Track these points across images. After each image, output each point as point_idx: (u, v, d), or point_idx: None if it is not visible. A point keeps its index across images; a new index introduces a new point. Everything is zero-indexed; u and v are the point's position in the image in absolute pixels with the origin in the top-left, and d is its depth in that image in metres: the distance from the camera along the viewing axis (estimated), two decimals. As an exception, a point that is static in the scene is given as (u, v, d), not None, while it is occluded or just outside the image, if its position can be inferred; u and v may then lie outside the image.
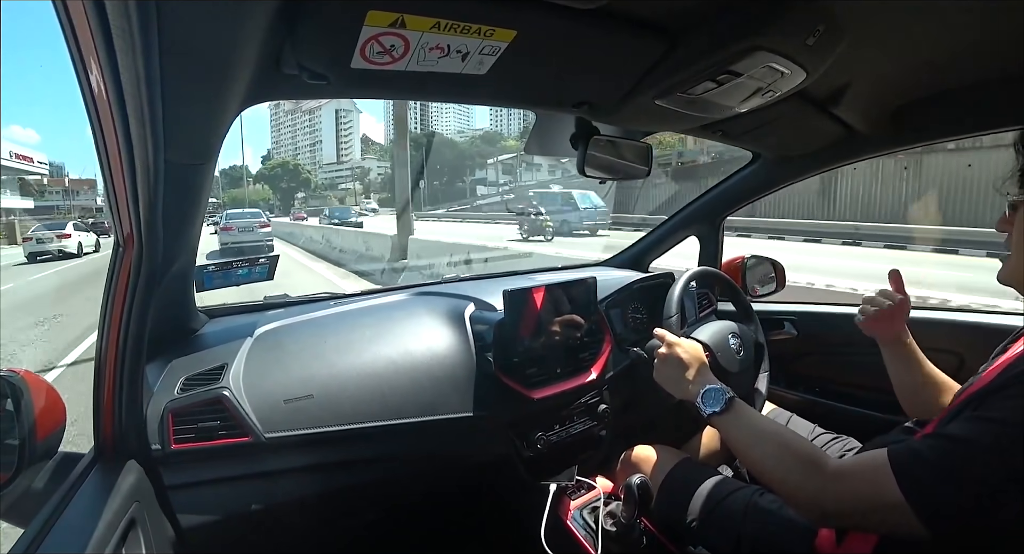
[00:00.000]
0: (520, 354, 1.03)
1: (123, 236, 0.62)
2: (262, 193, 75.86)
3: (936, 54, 0.74)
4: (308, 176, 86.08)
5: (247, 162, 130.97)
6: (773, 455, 0.66)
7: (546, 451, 1.04)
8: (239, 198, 66.79)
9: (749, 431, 0.70)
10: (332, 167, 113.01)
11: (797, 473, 0.62)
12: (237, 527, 0.79)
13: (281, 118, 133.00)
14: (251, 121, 71.97)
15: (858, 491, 0.57)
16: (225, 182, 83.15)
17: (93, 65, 0.44)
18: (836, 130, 1.01)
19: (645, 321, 1.30)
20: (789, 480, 0.63)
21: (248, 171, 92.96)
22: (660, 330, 0.91)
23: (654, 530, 0.93)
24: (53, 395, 0.70)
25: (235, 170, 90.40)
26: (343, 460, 0.87)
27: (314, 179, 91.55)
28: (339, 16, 0.51)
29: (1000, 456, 0.50)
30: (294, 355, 0.91)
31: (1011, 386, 0.53)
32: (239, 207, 30.42)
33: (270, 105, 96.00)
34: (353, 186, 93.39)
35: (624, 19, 0.59)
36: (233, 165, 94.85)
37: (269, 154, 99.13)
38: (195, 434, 0.77)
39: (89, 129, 0.52)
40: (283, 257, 1.46)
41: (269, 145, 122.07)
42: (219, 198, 65.97)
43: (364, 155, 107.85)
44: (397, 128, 10.38)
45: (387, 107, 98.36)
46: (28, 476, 0.64)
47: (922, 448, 0.54)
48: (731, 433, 0.72)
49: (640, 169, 1.09)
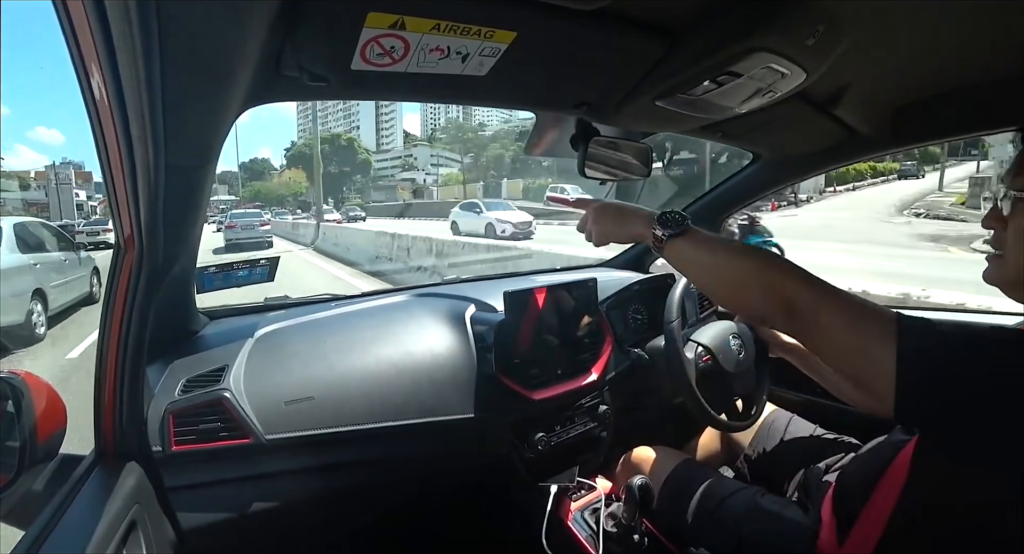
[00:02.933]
0: (521, 355, 1.03)
1: (124, 238, 0.62)
2: (293, 185, 60.07)
3: (936, 55, 0.74)
4: (367, 157, 63.32)
5: (268, 156, 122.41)
6: (736, 261, 0.59)
7: (547, 452, 1.04)
8: (264, 192, 59.82)
9: (708, 248, 0.62)
10: (376, 156, 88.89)
11: (759, 267, 0.56)
12: (238, 529, 0.79)
13: (308, 104, 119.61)
14: (270, 108, 55.07)
15: (854, 319, 0.50)
16: (245, 177, 71.71)
17: (94, 67, 0.44)
18: (836, 130, 1.01)
19: (646, 322, 1.30)
20: (751, 278, 0.56)
21: (269, 164, 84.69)
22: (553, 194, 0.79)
23: (655, 531, 0.93)
24: (54, 397, 0.70)
25: (256, 164, 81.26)
26: (344, 461, 0.86)
27: (373, 162, 68.97)
28: (339, 18, 0.51)
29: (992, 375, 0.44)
30: (295, 356, 0.91)
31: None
32: (262, 202, 31.22)
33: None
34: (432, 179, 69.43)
35: (624, 20, 0.59)
36: (254, 158, 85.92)
37: (294, 145, 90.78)
38: (196, 435, 0.77)
39: (90, 131, 0.52)
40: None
41: (296, 135, 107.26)
42: (238, 194, 59.86)
43: (414, 143, 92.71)
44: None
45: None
46: (29, 478, 0.64)
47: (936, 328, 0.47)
48: (690, 253, 0.63)
49: (640, 170, 1.09)
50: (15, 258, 4.73)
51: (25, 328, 4.56)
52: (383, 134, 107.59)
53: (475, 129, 64.91)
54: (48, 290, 5.08)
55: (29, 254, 5.00)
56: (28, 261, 4.93)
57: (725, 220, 1.51)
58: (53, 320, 5.16)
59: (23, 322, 4.55)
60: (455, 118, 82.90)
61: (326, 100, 0.72)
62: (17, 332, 4.46)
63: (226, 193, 61.28)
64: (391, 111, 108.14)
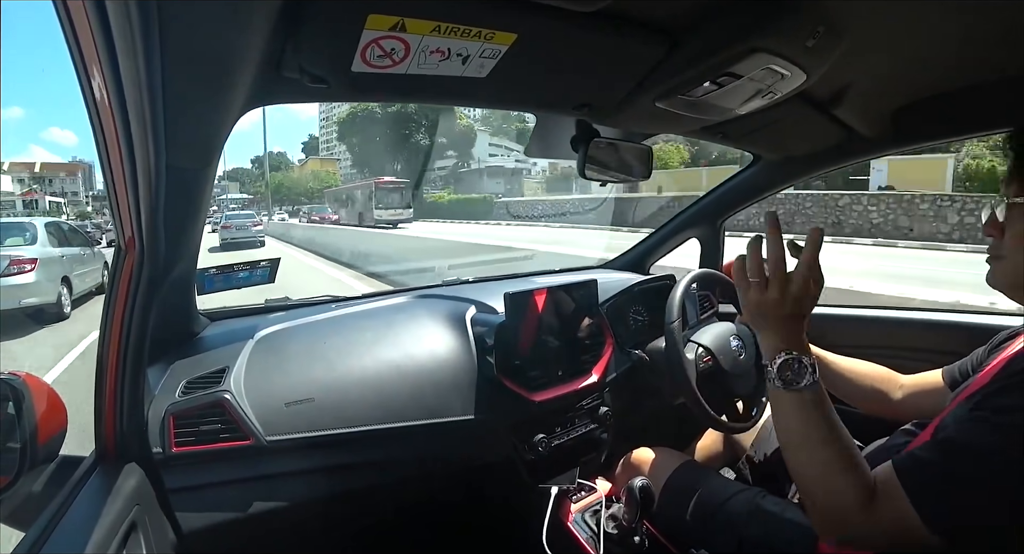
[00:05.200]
0: (521, 357, 1.03)
1: (124, 240, 0.62)
2: (326, 176, 51.27)
3: (936, 55, 0.74)
4: (468, 125, 42.81)
5: (284, 149, 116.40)
6: (830, 463, 0.57)
7: (547, 454, 1.03)
8: (287, 185, 52.46)
9: (814, 424, 0.59)
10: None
11: (846, 498, 0.55)
12: (238, 530, 0.79)
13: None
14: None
15: (882, 515, 0.54)
16: (259, 173, 65.85)
17: (94, 68, 0.44)
18: (836, 131, 1.01)
19: (646, 323, 1.30)
20: (830, 500, 0.57)
21: (286, 158, 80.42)
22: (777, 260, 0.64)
23: (656, 533, 0.92)
24: (54, 398, 0.70)
25: (271, 158, 74.31)
26: (344, 463, 0.86)
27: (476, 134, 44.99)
28: (340, 19, 0.51)
29: (1003, 458, 0.49)
30: (295, 358, 0.91)
31: (1012, 387, 0.53)
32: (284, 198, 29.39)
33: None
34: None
35: (624, 21, 0.60)
36: (269, 152, 77.38)
37: (312, 141, 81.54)
38: (196, 437, 0.77)
39: (91, 133, 0.52)
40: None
41: (318, 128, 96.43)
42: (251, 191, 55.11)
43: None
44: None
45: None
46: (29, 479, 0.64)
47: (924, 455, 0.54)
48: (794, 415, 0.60)
49: (641, 171, 1.09)
50: (48, 250, 5.77)
51: (56, 307, 5.69)
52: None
53: (519, 118, 44.10)
54: (72, 278, 6.13)
55: (57, 248, 6.02)
56: (57, 253, 5.95)
57: (725, 221, 1.51)
58: (76, 303, 6.22)
59: (55, 302, 5.66)
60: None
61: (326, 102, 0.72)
62: (51, 309, 5.61)
63: (237, 191, 56.20)
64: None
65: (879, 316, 1.34)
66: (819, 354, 0.98)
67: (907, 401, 0.88)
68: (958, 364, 0.83)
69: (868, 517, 0.54)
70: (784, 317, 0.62)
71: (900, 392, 0.89)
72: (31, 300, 5.31)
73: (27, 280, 5.28)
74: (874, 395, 0.91)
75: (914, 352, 1.19)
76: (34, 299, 5.34)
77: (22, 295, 5.22)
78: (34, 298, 5.34)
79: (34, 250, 5.53)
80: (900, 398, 0.89)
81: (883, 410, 0.90)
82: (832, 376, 0.94)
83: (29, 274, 5.30)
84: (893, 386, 0.91)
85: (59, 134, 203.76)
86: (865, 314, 1.36)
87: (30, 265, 5.34)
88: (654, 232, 1.64)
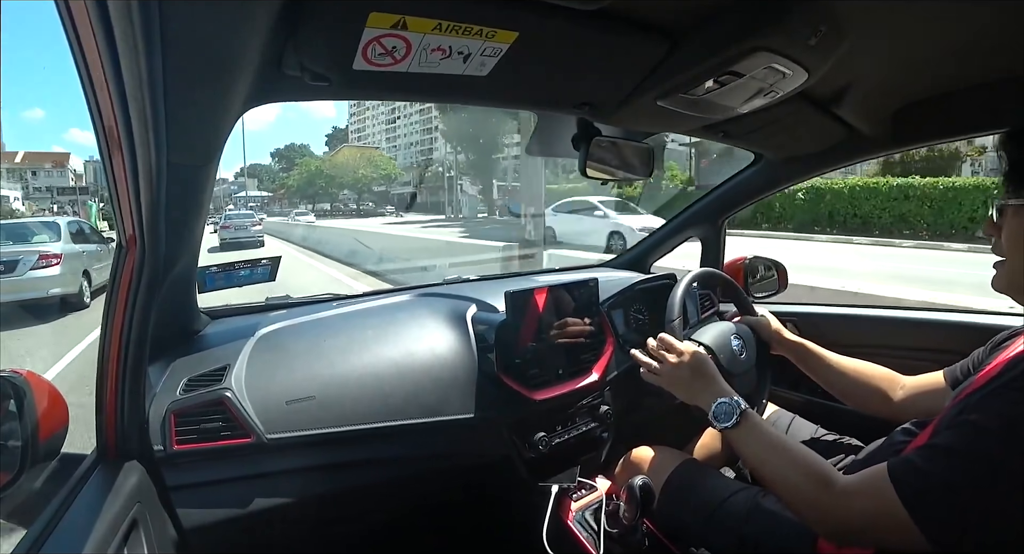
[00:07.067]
0: (522, 355, 1.03)
1: (126, 237, 0.62)
2: (382, 161, 44.07)
3: (937, 55, 0.74)
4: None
5: (306, 141, 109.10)
6: (784, 470, 0.67)
7: (548, 452, 1.04)
8: (330, 172, 45.44)
9: (760, 446, 0.71)
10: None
11: (807, 491, 0.63)
12: (239, 528, 0.79)
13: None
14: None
15: (864, 508, 0.57)
16: (281, 167, 62.45)
17: (96, 67, 0.44)
18: (838, 131, 1.01)
19: (647, 322, 1.30)
20: (799, 497, 0.65)
21: (309, 150, 74.48)
22: (666, 336, 0.91)
23: (656, 531, 0.93)
24: (56, 396, 0.70)
25: (292, 151, 70.24)
26: (345, 461, 0.86)
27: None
28: (341, 18, 0.51)
29: (995, 464, 0.50)
30: (296, 356, 0.91)
31: (1009, 390, 0.53)
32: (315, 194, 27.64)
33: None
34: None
35: (626, 20, 0.59)
36: (289, 145, 73.81)
37: (337, 132, 77.33)
38: (197, 435, 0.77)
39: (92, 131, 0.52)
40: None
41: (347, 120, 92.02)
42: (284, 182, 48.55)
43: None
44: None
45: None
46: (31, 477, 0.65)
47: (919, 460, 0.55)
48: (743, 448, 0.74)
49: (642, 170, 1.09)
50: (70, 246, 6.52)
51: (78, 297, 6.37)
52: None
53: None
54: (91, 271, 6.82)
55: (78, 245, 6.78)
56: (78, 249, 6.70)
57: (727, 220, 1.51)
58: (94, 294, 6.84)
59: (77, 292, 6.36)
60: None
61: (327, 100, 0.72)
62: (73, 299, 6.27)
63: (255, 188, 53.78)
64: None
65: (879, 316, 1.34)
66: (820, 353, 0.99)
67: (908, 401, 0.88)
68: (959, 364, 0.83)
69: (836, 501, 0.60)
70: (689, 379, 0.84)
71: (901, 392, 0.90)
72: (56, 290, 6.03)
73: (54, 273, 6.01)
74: (875, 395, 0.91)
75: (914, 352, 1.19)
76: (59, 289, 6.07)
77: (49, 286, 5.96)
78: (59, 288, 6.07)
79: (59, 246, 6.27)
80: (901, 398, 0.89)
81: (884, 410, 0.90)
82: (832, 376, 0.94)
83: (56, 267, 6.04)
84: (894, 386, 0.91)
85: (80, 135, 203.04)
86: (865, 314, 1.37)
87: (56, 259, 6.07)
88: (655, 231, 1.64)
